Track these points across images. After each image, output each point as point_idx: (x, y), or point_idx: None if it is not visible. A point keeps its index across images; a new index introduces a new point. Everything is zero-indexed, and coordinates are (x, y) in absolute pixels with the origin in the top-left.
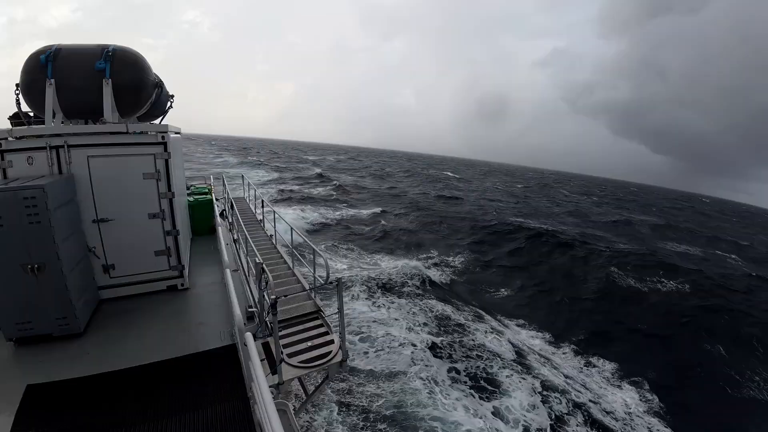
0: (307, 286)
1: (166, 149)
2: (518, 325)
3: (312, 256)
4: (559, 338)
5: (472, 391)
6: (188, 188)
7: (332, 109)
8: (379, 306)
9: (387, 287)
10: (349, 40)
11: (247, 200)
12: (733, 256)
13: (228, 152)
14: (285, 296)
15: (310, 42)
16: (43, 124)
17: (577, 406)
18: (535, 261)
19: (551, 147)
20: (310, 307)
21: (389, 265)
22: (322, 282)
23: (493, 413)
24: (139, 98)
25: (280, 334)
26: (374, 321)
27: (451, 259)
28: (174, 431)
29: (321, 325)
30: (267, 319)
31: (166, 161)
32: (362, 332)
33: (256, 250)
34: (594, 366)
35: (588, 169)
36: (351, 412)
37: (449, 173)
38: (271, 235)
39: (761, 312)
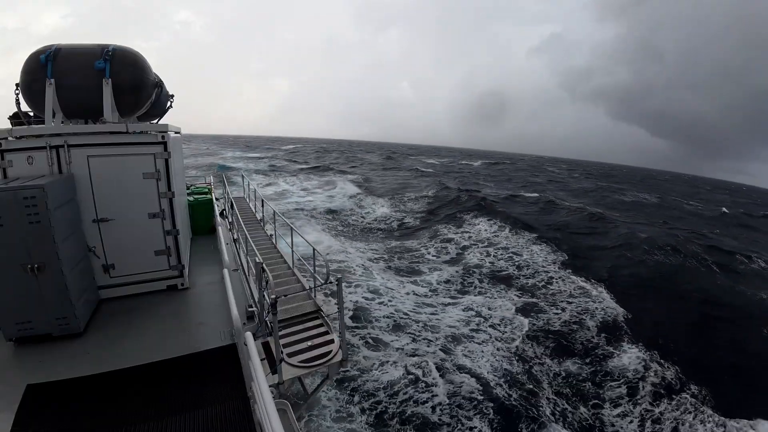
0: (307, 286)
1: (166, 149)
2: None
3: (312, 256)
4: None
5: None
6: (188, 188)
7: (329, 104)
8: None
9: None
10: (343, 34)
11: (247, 200)
12: (691, 202)
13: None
14: (285, 296)
15: (305, 37)
16: (43, 123)
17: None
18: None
19: (551, 134)
20: (310, 307)
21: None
22: (322, 282)
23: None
24: (139, 98)
25: (280, 333)
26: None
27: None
28: (174, 431)
29: (321, 325)
30: (267, 318)
31: (166, 161)
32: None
33: (256, 250)
34: (521, 236)
35: (589, 155)
36: None
37: (431, 161)
38: (271, 235)
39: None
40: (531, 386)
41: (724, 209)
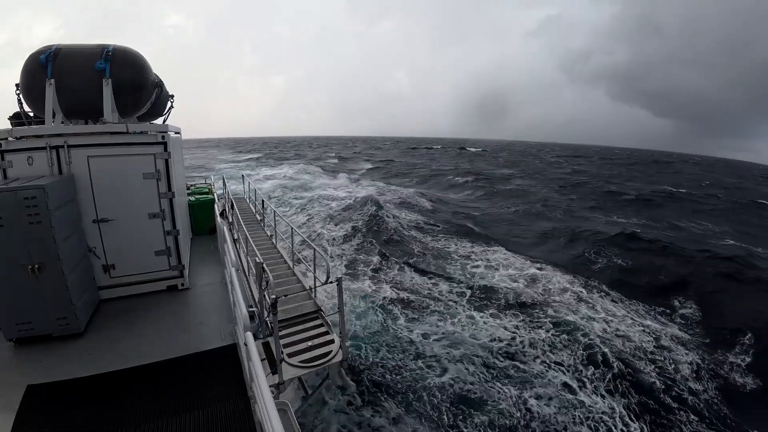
0: (307, 286)
1: (166, 149)
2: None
3: (312, 256)
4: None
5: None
6: (188, 188)
7: (325, 99)
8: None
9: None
10: (337, 27)
11: (248, 200)
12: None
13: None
14: (285, 296)
15: (298, 32)
16: (43, 124)
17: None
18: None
19: (550, 119)
20: (310, 307)
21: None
22: (322, 282)
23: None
24: (139, 98)
25: (281, 333)
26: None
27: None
28: (174, 431)
29: (321, 325)
30: (267, 318)
31: (166, 161)
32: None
33: (256, 250)
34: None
35: (590, 139)
36: None
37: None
38: (271, 235)
39: None
40: None
41: None
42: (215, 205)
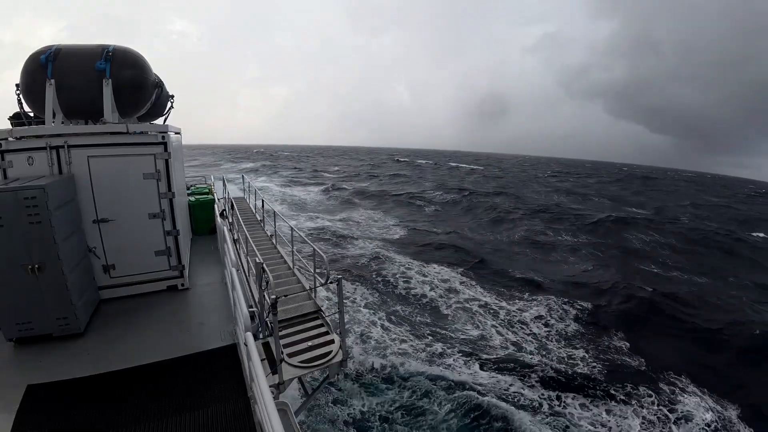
0: (307, 286)
1: (166, 149)
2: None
3: (312, 256)
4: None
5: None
6: (188, 188)
7: (326, 110)
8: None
9: None
10: (338, 39)
11: (247, 200)
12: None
13: None
14: (285, 296)
15: (300, 44)
16: (44, 124)
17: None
18: None
19: (548, 133)
20: (310, 307)
21: None
22: (322, 282)
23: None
24: (139, 98)
25: (281, 334)
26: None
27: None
28: (174, 431)
29: (321, 325)
30: (267, 319)
31: (167, 161)
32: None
33: (256, 250)
34: None
35: (588, 154)
36: None
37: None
38: (271, 235)
39: None
40: None
41: None
42: (215, 205)
